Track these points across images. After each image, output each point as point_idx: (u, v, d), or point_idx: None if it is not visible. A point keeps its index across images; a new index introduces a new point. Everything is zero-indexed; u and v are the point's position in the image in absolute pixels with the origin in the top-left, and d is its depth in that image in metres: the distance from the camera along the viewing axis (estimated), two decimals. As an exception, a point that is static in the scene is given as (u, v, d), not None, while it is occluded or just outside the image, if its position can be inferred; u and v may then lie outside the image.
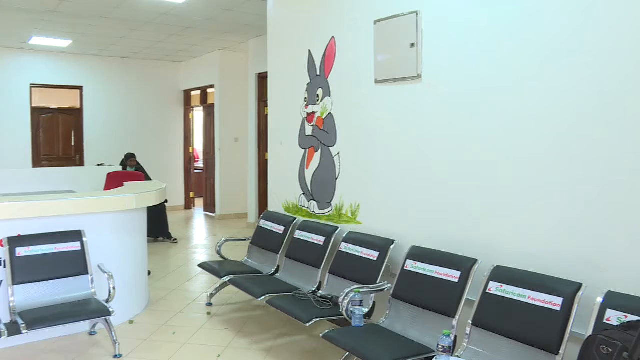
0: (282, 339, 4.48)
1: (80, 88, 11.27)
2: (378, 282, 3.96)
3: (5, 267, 4.20)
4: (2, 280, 4.21)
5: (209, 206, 11.56)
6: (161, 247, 8.18)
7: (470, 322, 3.20)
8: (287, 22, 5.55)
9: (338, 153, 4.77)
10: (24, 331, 3.70)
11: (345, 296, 3.71)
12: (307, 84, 5.14)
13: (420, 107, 3.97)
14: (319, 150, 5.00)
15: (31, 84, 10.75)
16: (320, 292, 4.41)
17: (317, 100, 5.00)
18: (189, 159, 12.39)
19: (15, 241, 4.24)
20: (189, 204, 12.42)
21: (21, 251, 4.22)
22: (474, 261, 3.40)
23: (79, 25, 8.52)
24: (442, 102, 3.80)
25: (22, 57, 10.51)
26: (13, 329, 3.74)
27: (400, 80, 4.11)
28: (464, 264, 3.43)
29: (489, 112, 3.47)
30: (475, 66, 3.55)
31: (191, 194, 12.47)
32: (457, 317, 3.32)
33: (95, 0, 7.12)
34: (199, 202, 12.48)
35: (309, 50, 5.11)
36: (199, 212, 12.00)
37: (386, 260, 4.03)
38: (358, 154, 4.58)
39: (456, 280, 3.40)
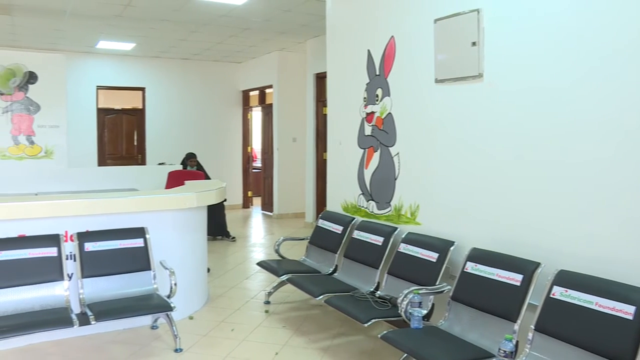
0: (339, 338, 4.49)
1: (142, 89, 11.66)
2: (437, 283, 3.91)
3: (75, 260, 4.39)
4: (72, 273, 4.40)
5: (267, 205, 11.68)
6: (220, 245, 8.33)
7: (532, 327, 3.11)
8: (346, 22, 5.56)
9: (397, 153, 4.74)
10: (92, 322, 3.87)
11: (404, 297, 3.68)
12: (367, 84, 5.13)
13: (481, 107, 3.89)
14: (378, 150, 4.98)
15: (97, 86, 11.21)
16: (378, 292, 4.40)
17: (377, 100, 4.98)
18: (247, 158, 12.56)
19: (84, 236, 4.42)
20: (247, 203, 12.59)
21: (89, 246, 4.39)
22: (537, 264, 3.30)
23: (142, 28, 8.79)
24: (503, 102, 3.71)
25: (89, 60, 10.96)
26: (83, 319, 3.91)
27: (461, 80, 4.04)
28: (527, 267, 3.34)
29: (552, 112, 3.37)
30: (538, 65, 3.45)
31: (249, 193, 12.64)
32: (518, 321, 3.23)
33: (157, 4, 7.32)
34: (257, 201, 12.63)
35: (368, 50, 5.09)
36: (256, 211, 12.15)
37: (446, 262, 3.97)
38: (418, 153, 4.53)
39: (518, 284, 3.32)
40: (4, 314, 3.94)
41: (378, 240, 4.67)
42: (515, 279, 3.35)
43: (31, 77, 7.72)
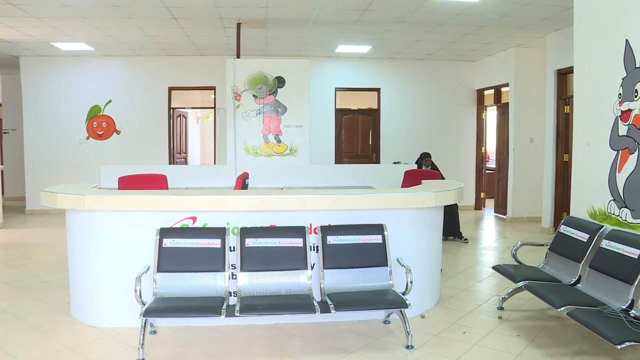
0: (580, 356, 4.11)
1: (377, 90, 12.10)
2: None
3: (317, 252, 4.71)
4: (314, 264, 4.71)
5: (500, 208, 11.28)
6: (452, 245, 8.25)
7: None
8: (597, 10, 5.08)
9: (660, 156, 4.20)
10: (332, 311, 4.11)
11: (669, 322, 3.23)
12: (623, 78, 4.62)
13: None
14: (635, 152, 4.45)
15: (335, 88, 11.97)
16: (633, 311, 3.93)
17: (636, 96, 4.46)
18: (481, 159, 12.25)
19: (327, 230, 4.72)
20: (479, 205, 12.30)
21: (331, 239, 4.68)
22: None
23: (378, 31, 9.11)
24: None
25: (328, 64, 11.74)
26: (324, 307, 4.18)
27: None
28: None
29: None
30: None
31: (482, 194, 12.32)
32: None
33: (395, 7, 7.51)
34: (489, 203, 12.29)
35: (626, 40, 4.57)
36: (489, 213, 11.82)
37: None
38: (686, 156, 3.95)
39: None
40: (255, 294, 4.43)
41: (633, 252, 4.16)
42: None
43: (280, 82, 8.52)
